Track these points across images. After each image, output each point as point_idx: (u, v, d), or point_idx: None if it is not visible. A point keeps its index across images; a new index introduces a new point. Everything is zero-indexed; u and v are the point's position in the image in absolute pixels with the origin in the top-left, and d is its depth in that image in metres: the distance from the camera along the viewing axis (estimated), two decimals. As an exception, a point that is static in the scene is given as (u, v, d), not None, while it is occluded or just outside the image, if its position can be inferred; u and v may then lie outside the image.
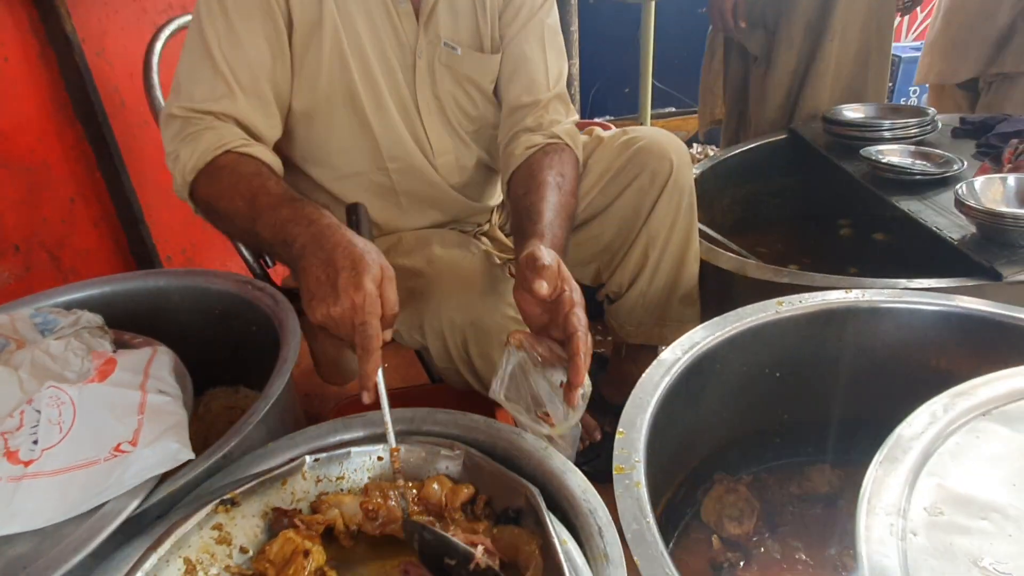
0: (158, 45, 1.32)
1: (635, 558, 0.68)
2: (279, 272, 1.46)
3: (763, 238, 1.87)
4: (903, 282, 1.11)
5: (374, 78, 1.12)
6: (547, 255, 0.85)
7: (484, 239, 1.36)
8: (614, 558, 0.67)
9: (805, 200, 1.96)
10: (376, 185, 1.21)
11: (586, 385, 0.83)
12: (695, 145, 3.17)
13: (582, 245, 1.30)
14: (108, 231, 1.51)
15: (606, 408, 1.39)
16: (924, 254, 1.33)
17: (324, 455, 0.84)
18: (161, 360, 0.91)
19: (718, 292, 1.51)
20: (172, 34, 1.35)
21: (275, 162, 1.04)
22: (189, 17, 1.28)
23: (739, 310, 1.09)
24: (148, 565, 0.69)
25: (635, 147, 1.24)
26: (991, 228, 1.18)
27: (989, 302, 1.00)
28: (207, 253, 1.49)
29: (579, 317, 0.83)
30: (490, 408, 1.17)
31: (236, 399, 1.31)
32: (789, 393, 1.12)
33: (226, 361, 1.26)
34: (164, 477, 0.79)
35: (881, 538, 0.66)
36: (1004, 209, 1.17)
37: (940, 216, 1.32)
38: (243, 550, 0.77)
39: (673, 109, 3.44)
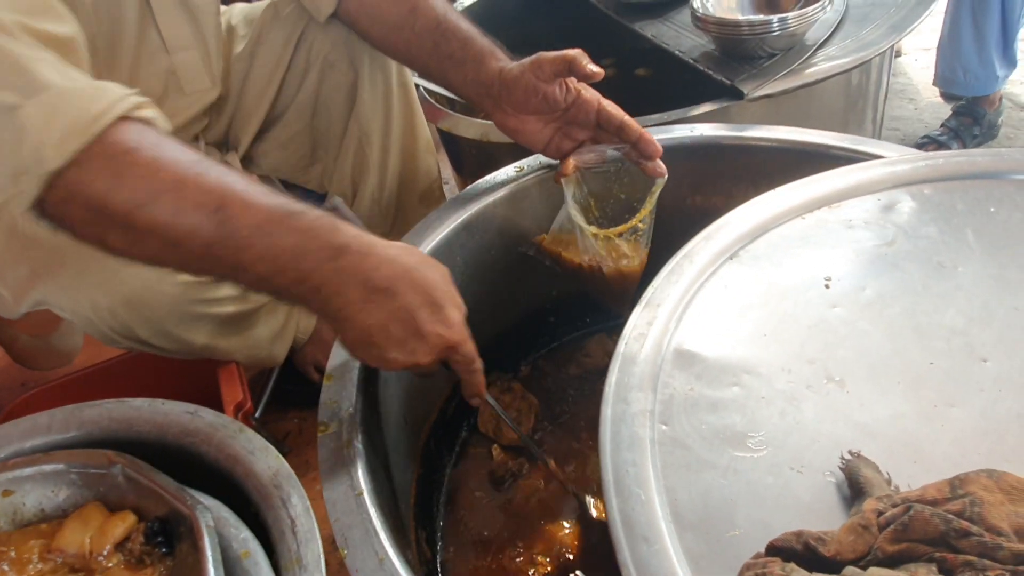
0: None
1: (345, 561, 0.52)
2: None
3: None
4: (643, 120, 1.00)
5: None
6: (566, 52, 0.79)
7: None
8: (308, 561, 0.51)
9: (565, 42, 1.79)
10: None
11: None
12: None
13: (288, 145, 1.05)
14: None
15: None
16: (680, 83, 1.22)
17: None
18: None
19: (475, 164, 1.34)
20: None
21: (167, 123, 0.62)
22: None
23: (473, 186, 0.93)
24: None
25: (285, 13, 0.97)
26: (728, 41, 1.07)
27: (728, 126, 0.90)
28: None
29: (614, 105, 0.82)
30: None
31: None
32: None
33: None
34: None
35: (630, 441, 0.54)
36: (739, 17, 1.06)
37: (683, 37, 1.20)
38: None
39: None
